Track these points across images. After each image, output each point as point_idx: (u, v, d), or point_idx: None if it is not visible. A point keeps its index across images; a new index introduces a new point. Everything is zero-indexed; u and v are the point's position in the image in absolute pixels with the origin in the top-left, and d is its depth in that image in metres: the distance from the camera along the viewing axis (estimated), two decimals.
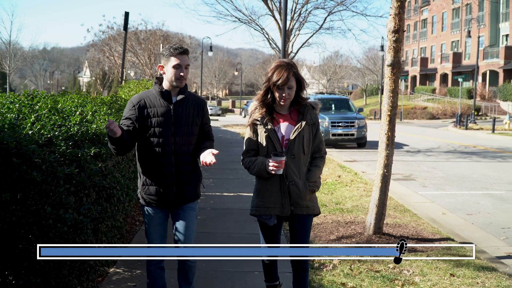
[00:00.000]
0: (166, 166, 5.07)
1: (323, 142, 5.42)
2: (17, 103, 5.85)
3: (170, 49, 5.11)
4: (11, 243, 4.48)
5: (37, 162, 4.53)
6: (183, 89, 5.22)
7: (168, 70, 5.07)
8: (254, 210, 5.28)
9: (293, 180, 5.12)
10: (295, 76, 5.12)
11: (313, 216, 5.34)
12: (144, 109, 5.06)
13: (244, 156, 5.33)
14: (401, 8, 8.48)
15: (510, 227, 10.39)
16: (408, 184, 15.38)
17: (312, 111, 5.28)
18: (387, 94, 8.73)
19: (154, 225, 5.18)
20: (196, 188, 5.32)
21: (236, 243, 8.25)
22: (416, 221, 10.17)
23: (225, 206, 10.93)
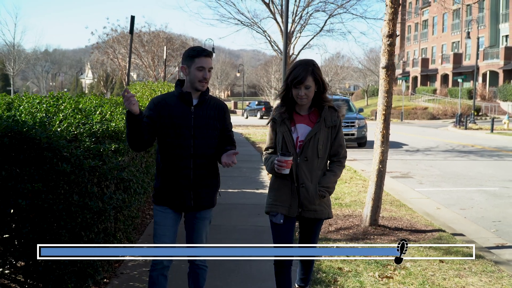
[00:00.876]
0: (184, 169, 5.01)
1: (343, 146, 5.29)
2: (44, 104, 6.44)
3: (194, 50, 5.05)
4: (42, 228, 5.06)
5: (66, 156, 5.11)
6: (205, 92, 5.14)
7: (192, 71, 5.01)
8: (266, 207, 5.31)
9: (303, 183, 5.08)
10: (314, 76, 5.05)
11: (322, 220, 5.35)
12: (164, 110, 5.01)
13: (265, 152, 5.39)
14: (395, 14, 9.02)
15: (501, 221, 10.90)
16: (406, 182, 15.93)
17: (334, 113, 5.17)
18: (382, 95, 9.27)
19: (165, 225, 5.08)
20: (213, 194, 5.25)
21: (240, 234, 8.84)
22: (411, 215, 10.72)
23: (230, 201, 11.49)
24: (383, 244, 8.42)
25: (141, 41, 48.00)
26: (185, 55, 5.05)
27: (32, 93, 8.62)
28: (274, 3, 30.54)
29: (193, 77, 5.00)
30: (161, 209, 5.10)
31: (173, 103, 5.06)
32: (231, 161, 4.94)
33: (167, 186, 5.06)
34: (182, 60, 5.12)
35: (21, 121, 5.21)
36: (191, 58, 4.99)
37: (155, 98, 5.11)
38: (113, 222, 6.06)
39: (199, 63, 4.97)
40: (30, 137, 4.98)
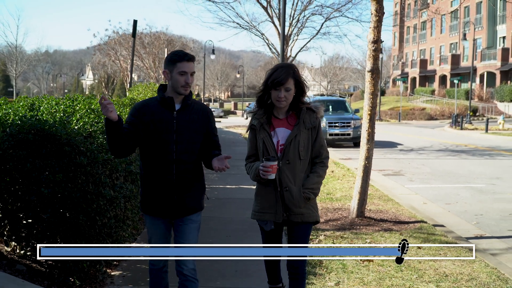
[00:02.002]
0: (167, 175, 4.94)
1: (324, 146, 5.27)
2: (62, 105, 7.21)
3: (176, 55, 4.98)
4: (62, 213, 5.81)
5: (83, 150, 5.87)
6: (187, 96, 5.07)
7: (174, 76, 4.92)
8: (253, 214, 5.28)
9: (287, 186, 5.02)
10: (294, 79, 5.04)
11: (311, 225, 5.24)
12: (146, 116, 4.92)
13: (246, 162, 5.29)
14: (379, 22, 9.76)
15: (483, 214, 11.61)
16: (397, 179, 16.66)
17: (312, 114, 5.14)
18: (368, 96, 10.01)
19: (157, 235, 5.09)
20: (199, 198, 5.21)
21: (238, 225, 9.59)
22: (397, 208, 11.45)
23: (228, 196, 12.24)
24: (367, 232, 9.17)
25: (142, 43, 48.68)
26: (167, 60, 5.01)
27: (33, 94, 9.18)
28: (272, 6, 31.23)
29: (175, 81, 4.94)
30: (150, 219, 5.10)
31: (155, 108, 4.97)
32: (224, 166, 4.91)
33: (150, 193, 5.01)
34: (164, 64, 5.06)
35: (43, 120, 5.98)
36: (173, 62, 4.94)
37: (137, 104, 5.06)
38: (123, 209, 6.80)
39: (181, 67, 4.91)
40: (51, 134, 5.75)
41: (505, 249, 8.91)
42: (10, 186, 5.83)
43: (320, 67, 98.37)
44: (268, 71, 5.17)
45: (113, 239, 6.56)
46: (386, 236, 8.98)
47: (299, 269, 5.12)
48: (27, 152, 5.69)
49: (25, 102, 7.17)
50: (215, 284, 6.68)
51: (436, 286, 6.69)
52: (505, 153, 25.28)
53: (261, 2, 30.96)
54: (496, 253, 8.62)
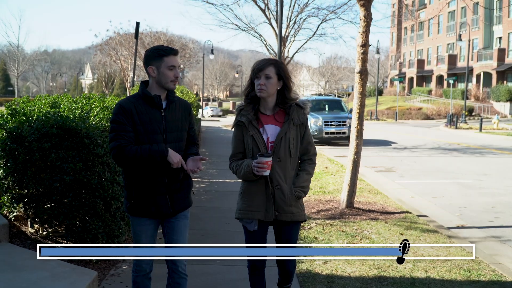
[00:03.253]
0: (158, 175, 4.80)
1: (312, 143, 5.23)
2: (79, 103, 8.01)
3: (162, 49, 4.83)
4: (81, 197, 6.60)
5: (100, 143, 6.67)
6: (171, 92, 4.94)
7: (162, 71, 4.77)
8: (238, 213, 5.14)
9: (278, 185, 4.96)
10: (276, 69, 4.96)
11: (299, 224, 5.25)
12: (136, 116, 4.72)
13: (231, 160, 5.16)
14: (367, 27, 10.53)
15: (467, 207, 12.36)
16: (388, 175, 17.44)
17: (300, 111, 5.06)
18: (357, 96, 10.79)
19: (146, 237, 4.94)
20: (188, 195, 5.11)
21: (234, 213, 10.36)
22: (385, 200, 12.24)
23: (227, 189, 13.03)
24: (355, 221, 9.96)
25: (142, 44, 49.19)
26: (152, 55, 4.81)
27: (32, 94, 9.83)
28: (269, 9, 31.90)
29: (164, 77, 4.78)
30: (139, 220, 4.93)
31: (143, 107, 4.78)
32: (197, 167, 4.86)
33: (142, 195, 4.83)
34: (148, 60, 4.83)
35: (65, 116, 6.78)
36: (160, 57, 4.77)
37: (124, 103, 4.78)
38: None
39: (170, 62, 4.78)
40: (72, 128, 6.55)
41: (483, 238, 9.64)
42: (35, 174, 6.61)
43: (318, 67, 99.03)
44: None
45: (125, 222, 7.35)
46: (372, 224, 9.78)
47: (289, 263, 5.19)
48: (51, 144, 6.49)
49: (47, 100, 7.96)
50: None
51: (413, 265, 7.47)
52: (495, 151, 26.02)
53: (259, 4, 31.68)
54: (475, 241, 9.34)
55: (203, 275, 6.90)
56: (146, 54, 4.87)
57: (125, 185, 5.01)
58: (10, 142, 6.56)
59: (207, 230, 9.07)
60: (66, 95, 8.97)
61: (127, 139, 4.64)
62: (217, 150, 21.51)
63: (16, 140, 6.58)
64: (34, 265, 6.09)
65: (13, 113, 6.88)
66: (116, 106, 4.76)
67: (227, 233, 9.05)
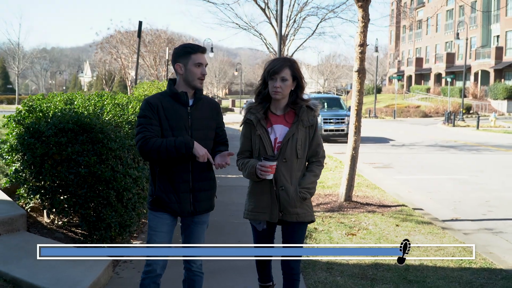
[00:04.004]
0: (183, 172, 4.79)
1: (321, 145, 5.16)
2: (92, 100, 8.45)
3: (190, 47, 4.84)
4: (96, 188, 7.03)
5: (113, 137, 7.10)
6: (199, 91, 4.91)
7: (189, 69, 4.76)
8: (246, 214, 5.16)
9: (283, 186, 4.90)
10: (291, 71, 4.92)
11: (306, 224, 5.13)
12: (162, 112, 4.72)
13: (239, 157, 5.14)
14: (365, 27, 10.95)
15: (461, 202, 12.78)
16: (386, 171, 17.89)
17: (310, 112, 5.01)
18: (355, 93, 11.20)
19: (162, 232, 4.86)
20: (211, 197, 5.08)
21: (238, 206, 10.74)
22: (382, 195, 12.68)
23: (230, 184, 13.47)
24: (353, 213, 10.38)
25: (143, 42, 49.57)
26: (180, 52, 4.83)
27: (31, 91, 10.18)
28: (269, 8, 32.39)
29: (191, 74, 4.78)
30: (158, 215, 4.88)
31: (170, 104, 4.78)
32: (225, 162, 4.80)
33: (165, 191, 4.82)
34: (176, 57, 4.85)
35: (79, 112, 7.20)
36: (187, 54, 4.77)
37: (151, 99, 4.81)
38: (143, 188, 8.00)
39: (197, 59, 4.78)
40: (87, 124, 6.98)
41: (476, 230, 10.07)
42: (52, 167, 7.02)
43: (317, 65, 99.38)
44: (266, 63, 5.09)
45: (136, 213, 7.78)
46: (369, 216, 10.20)
47: (294, 269, 5.04)
48: (67, 139, 6.89)
49: (61, 97, 8.37)
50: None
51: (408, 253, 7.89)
52: (492, 148, 26.49)
53: (259, 4, 32.16)
54: (468, 232, 9.77)
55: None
56: (174, 51, 4.87)
57: (150, 181, 4.98)
58: (28, 137, 6.95)
59: (212, 222, 9.34)
60: (78, 93, 9.37)
61: (152, 131, 4.64)
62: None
63: (33, 135, 6.97)
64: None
65: (30, 109, 7.28)
66: (144, 102, 4.78)
67: (231, 224, 9.51)
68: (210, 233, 8.49)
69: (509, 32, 67.34)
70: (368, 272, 7.07)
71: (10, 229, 6.88)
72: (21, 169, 7.23)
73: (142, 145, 4.61)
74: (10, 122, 7.34)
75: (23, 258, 6.19)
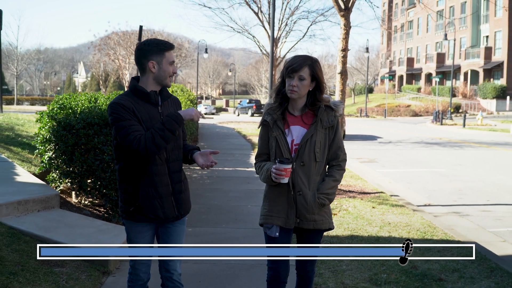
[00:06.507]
0: (161, 176, 4.56)
1: (342, 148, 4.86)
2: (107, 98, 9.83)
3: (163, 44, 4.56)
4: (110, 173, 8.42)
5: None
6: (165, 89, 4.69)
7: (163, 67, 4.52)
8: (260, 219, 4.88)
9: (300, 190, 4.66)
10: (311, 70, 4.64)
11: (323, 232, 4.88)
12: (137, 114, 4.43)
13: (256, 160, 4.92)
14: (347, 34, 12.34)
15: (436, 190, 14.19)
16: (371, 165, 19.30)
17: (330, 113, 4.73)
18: (338, 93, 12.62)
19: (144, 243, 4.68)
20: (189, 197, 4.93)
21: (235, 193, 12.17)
22: (364, 184, 14.06)
23: (226, 175, 14.84)
24: (336, 199, 11.75)
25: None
26: (153, 49, 4.51)
27: (26, 92, 11.29)
28: (262, 12, 33.72)
29: (164, 72, 4.54)
30: (138, 227, 4.67)
31: (140, 105, 4.49)
32: (211, 162, 4.71)
33: (149, 197, 4.54)
34: (147, 54, 4.51)
35: (103, 109, 8.60)
36: (161, 52, 4.50)
37: (123, 102, 4.44)
38: None
39: (171, 57, 4.56)
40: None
41: (445, 213, 11.45)
42: (81, 155, 8.41)
43: None
44: (286, 60, 4.86)
45: None
46: (350, 201, 11.59)
47: (309, 272, 4.96)
48: (94, 131, 8.29)
49: (86, 97, 9.74)
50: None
51: (380, 228, 9.31)
52: (474, 144, 27.91)
53: (253, 8, 33.54)
54: (438, 215, 11.12)
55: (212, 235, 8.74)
56: (143, 48, 4.54)
57: (124, 187, 4.64)
58: (61, 130, 8.36)
59: (211, 205, 10.85)
60: (100, 93, 10.76)
61: (139, 130, 4.37)
62: (214, 144, 23.47)
63: (65, 128, 8.39)
64: (83, 224, 7.94)
65: (62, 106, 8.70)
66: (114, 106, 4.42)
67: (229, 207, 10.86)
68: (211, 213, 10.04)
69: (498, 32, 68.36)
70: (345, 242, 8.46)
71: (47, 206, 8.26)
72: (54, 157, 8.64)
73: (136, 146, 4.32)
74: (43, 117, 8.78)
75: (61, 228, 7.57)
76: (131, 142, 4.30)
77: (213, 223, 9.42)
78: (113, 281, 6.57)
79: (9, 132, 13.64)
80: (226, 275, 6.86)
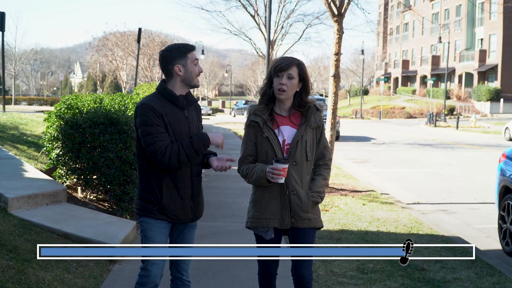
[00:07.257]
0: (185, 178, 4.65)
1: (328, 147, 5.00)
2: (116, 99, 10.35)
3: (185, 46, 4.65)
4: (121, 169, 8.94)
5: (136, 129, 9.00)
6: (189, 93, 4.80)
7: (189, 68, 4.59)
8: (249, 222, 4.86)
9: (294, 190, 4.71)
10: (299, 70, 4.73)
11: (315, 230, 4.93)
12: (165, 118, 4.53)
13: (241, 163, 4.88)
14: (340, 39, 12.85)
15: (425, 189, 14.74)
16: (363, 165, 19.85)
17: (317, 113, 4.84)
18: (331, 95, 13.10)
19: (160, 242, 4.70)
20: (203, 201, 4.99)
21: (232, 190, 12.70)
22: (356, 183, 14.59)
23: (223, 174, 15.13)
24: (328, 196, 12.23)
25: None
26: (176, 54, 4.62)
27: (22, 92, 11.63)
28: (258, 15, 34.11)
29: (191, 73, 4.62)
30: (157, 224, 4.69)
31: (170, 109, 4.58)
32: (226, 166, 4.76)
33: (171, 198, 4.63)
34: (171, 60, 4.61)
35: (108, 109, 9.13)
36: (184, 54, 4.59)
37: (153, 104, 4.53)
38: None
39: (194, 57, 4.63)
40: (115, 118, 8.89)
41: (433, 210, 11.98)
42: (87, 152, 8.92)
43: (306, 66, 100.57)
44: (273, 61, 4.73)
45: None
46: (341, 198, 12.12)
47: (306, 277, 4.83)
48: (99, 130, 8.81)
49: (91, 97, 10.24)
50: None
51: (369, 223, 9.84)
52: (466, 146, 28.45)
53: (249, 11, 34.02)
54: (426, 212, 11.65)
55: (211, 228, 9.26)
56: (167, 54, 4.65)
57: (145, 186, 4.73)
58: (68, 128, 8.88)
59: (210, 201, 11.28)
60: (104, 94, 11.28)
61: (165, 140, 4.50)
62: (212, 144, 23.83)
63: (72, 127, 8.90)
64: (90, 217, 8.46)
65: (69, 106, 9.23)
66: (145, 107, 4.52)
67: (226, 203, 11.49)
68: (210, 208, 10.55)
69: (493, 35, 68.74)
70: (336, 235, 8.96)
71: (55, 200, 8.76)
72: (61, 154, 9.16)
73: (160, 157, 4.44)
74: (51, 117, 9.30)
75: (69, 220, 8.06)
76: (156, 152, 4.43)
77: (212, 217, 10.00)
78: (119, 269, 7.05)
79: (14, 131, 14.11)
80: (223, 263, 7.36)
